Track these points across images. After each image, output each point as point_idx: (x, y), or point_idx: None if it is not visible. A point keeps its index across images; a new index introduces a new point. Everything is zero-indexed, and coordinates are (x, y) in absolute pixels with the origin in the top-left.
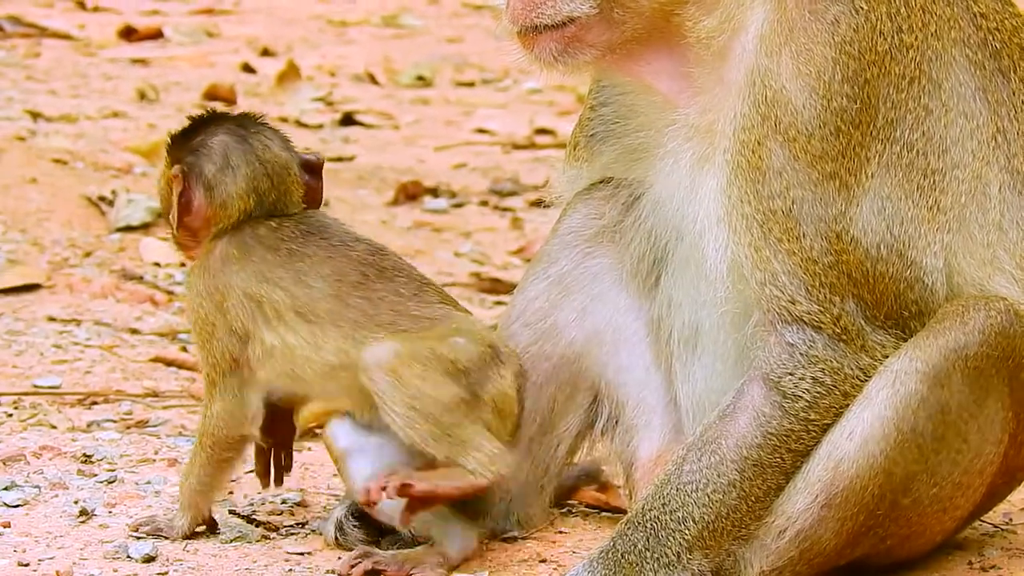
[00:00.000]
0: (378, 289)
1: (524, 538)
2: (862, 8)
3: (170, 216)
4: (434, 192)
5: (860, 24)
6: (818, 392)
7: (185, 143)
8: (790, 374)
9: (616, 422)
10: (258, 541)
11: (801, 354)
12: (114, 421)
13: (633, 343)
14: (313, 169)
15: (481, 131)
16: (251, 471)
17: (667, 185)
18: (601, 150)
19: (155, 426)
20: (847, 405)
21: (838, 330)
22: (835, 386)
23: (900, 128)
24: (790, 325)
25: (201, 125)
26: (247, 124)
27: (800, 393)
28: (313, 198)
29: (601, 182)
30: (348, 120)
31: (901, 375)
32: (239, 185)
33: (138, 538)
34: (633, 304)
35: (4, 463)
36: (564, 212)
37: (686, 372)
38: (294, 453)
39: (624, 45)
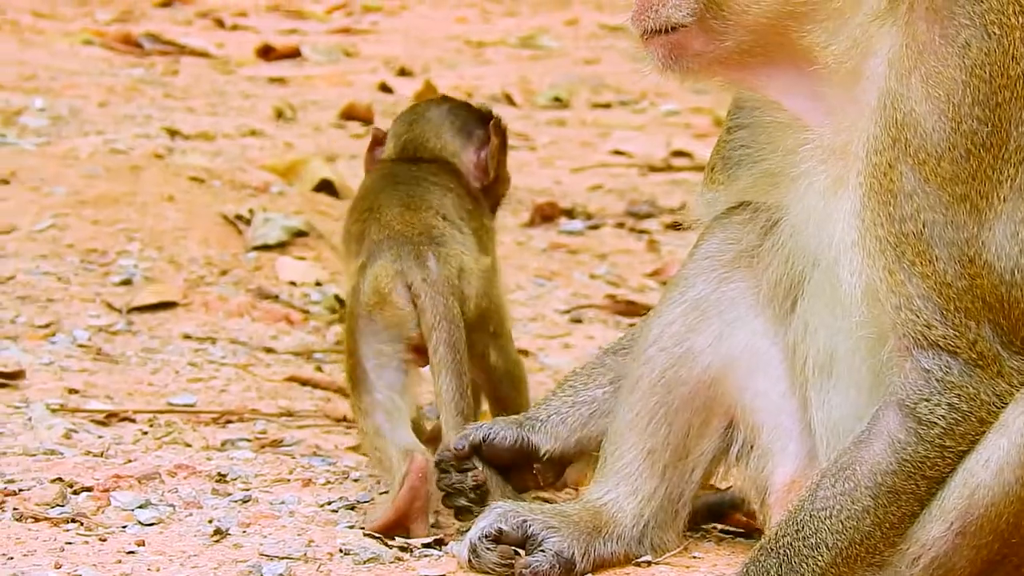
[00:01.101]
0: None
1: (658, 563)
2: (995, 32)
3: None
4: (570, 214)
5: (992, 48)
6: (954, 419)
7: None
8: (926, 400)
9: (751, 447)
10: (392, 562)
11: (937, 380)
12: (249, 440)
13: (769, 368)
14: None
15: (617, 153)
16: (385, 492)
17: (803, 208)
18: (738, 174)
19: (290, 445)
20: (983, 432)
21: (974, 355)
22: (971, 412)
23: None
24: (926, 351)
25: None
26: (442, 98)
27: (936, 419)
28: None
29: (739, 206)
30: None
31: None
32: (390, 132)
33: (271, 558)
34: (769, 329)
35: (139, 481)
36: (701, 236)
37: (821, 398)
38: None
39: (734, 57)
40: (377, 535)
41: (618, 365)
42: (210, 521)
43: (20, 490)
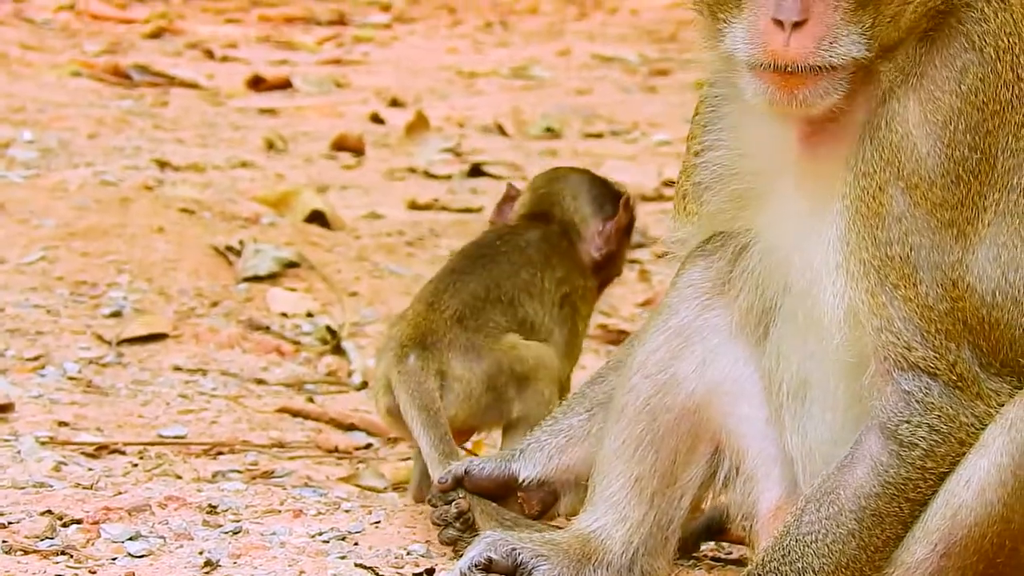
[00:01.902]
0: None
1: None
2: (990, 57)
3: None
4: None
5: (986, 74)
6: (934, 440)
7: None
8: (906, 422)
9: (737, 473)
10: None
11: (917, 401)
12: (239, 472)
13: (752, 394)
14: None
15: None
16: (376, 522)
17: (777, 234)
18: (707, 199)
19: (281, 477)
20: (963, 453)
21: (954, 377)
22: (951, 434)
23: (1018, 175)
24: (906, 372)
25: None
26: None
27: (916, 441)
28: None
29: (717, 233)
30: (476, 171)
31: (1017, 422)
32: (527, 186)
33: None
34: (749, 355)
35: (129, 513)
36: (683, 264)
37: (795, 424)
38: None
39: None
40: (368, 566)
41: (594, 393)
42: (200, 553)
43: (9, 523)
